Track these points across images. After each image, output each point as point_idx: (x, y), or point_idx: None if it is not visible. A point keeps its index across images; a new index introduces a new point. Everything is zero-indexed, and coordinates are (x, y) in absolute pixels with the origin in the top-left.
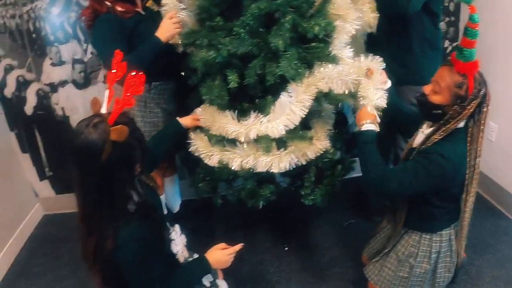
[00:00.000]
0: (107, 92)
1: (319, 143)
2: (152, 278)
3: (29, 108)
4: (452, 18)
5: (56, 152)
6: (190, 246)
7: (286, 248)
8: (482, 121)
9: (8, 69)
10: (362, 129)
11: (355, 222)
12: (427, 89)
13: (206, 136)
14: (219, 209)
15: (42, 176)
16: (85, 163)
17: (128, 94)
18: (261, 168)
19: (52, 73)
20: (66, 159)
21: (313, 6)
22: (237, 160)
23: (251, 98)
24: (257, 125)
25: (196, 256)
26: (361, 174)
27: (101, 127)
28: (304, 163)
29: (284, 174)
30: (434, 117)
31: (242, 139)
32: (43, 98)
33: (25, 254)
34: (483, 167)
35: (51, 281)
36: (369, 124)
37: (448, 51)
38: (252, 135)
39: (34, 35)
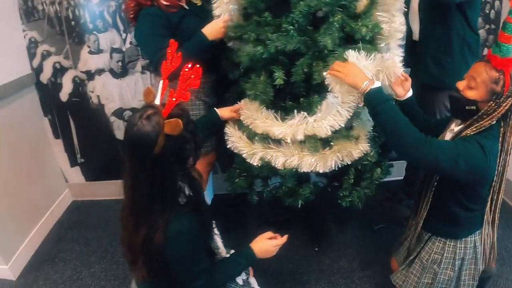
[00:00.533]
0: (161, 83)
1: (361, 144)
2: (200, 270)
3: (64, 95)
4: (492, 26)
5: (89, 140)
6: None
7: (317, 249)
8: None
9: (45, 55)
10: (366, 90)
11: (385, 226)
12: (461, 84)
13: (245, 133)
14: (250, 205)
15: (73, 162)
16: (137, 155)
17: (184, 87)
18: (305, 167)
19: (89, 61)
20: (98, 147)
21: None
22: (280, 159)
23: (295, 96)
24: (303, 125)
25: (232, 252)
26: (393, 179)
27: (155, 119)
28: (349, 163)
29: (321, 174)
30: (467, 113)
31: (289, 140)
32: (79, 85)
33: (52, 239)
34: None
35: (77, 267)
36: (370, 83)
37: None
38: (300, 136)
39: (73, 23)
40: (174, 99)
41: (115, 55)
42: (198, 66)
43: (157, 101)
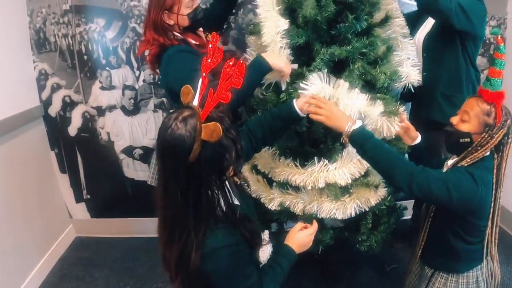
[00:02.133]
0: (200, 82)
1: (379, 190)
2: (250, 285)
3: (73, 129)
4: None
5: (96, 176)
6: None
7: None
8: (506, 152)
9: (55, 88)
10: (350, 131)
11: (398, 267)
12: (454, 119)
13: (264, 179)
14: None
15: (79, 198)
16: (170, 162)
17: (225, 87)
18: (325, 214)
19: (100, 97)
20: (105, 184)
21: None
22: (300, 205)
23: (314, 141)
24: (324, 172)
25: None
26: (405, 218)
27: (191, 122)
28: (367, 209)
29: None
30: (461, 146)
31: (309, 188)
32: (89, 121)
33: (56, 276)
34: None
35: None
36: (353, 124)
37: None
38: (321, 184)
39: (85, 57)
40: (213, 100)
41: (127, 92)
42: (242, 62)
43: (195, 102)
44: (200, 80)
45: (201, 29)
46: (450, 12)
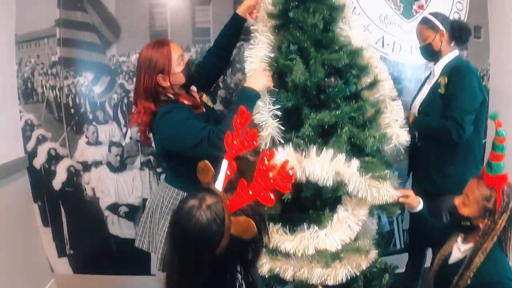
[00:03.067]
0: (225, 164)
1: (370, 254)
2: None
3: (57, 183)
4: None
5: (80, 231)
6: None
7: None
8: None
9: (41, 140)
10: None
11: None
12: (457, 200)
13: None
14: None
15: (61, 252)
16: (192, 254)
17: (266, 187)
18: (315, 279)
19: (86, 152)
20: (89, 239)
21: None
22: (290, 271)
23: (303, 207)
24: (313, 239)
25: None
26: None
27: (219, 214)
28: (358, 274)
29: None
30: (464, 228)
31: (299, 254)
32: (74, 176)
33: None
34: None
35: None
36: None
37: None
38: (311, 251)
39: (72, 111)
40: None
41: (113, 148)
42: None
43: (219, 185)
44: (226, 162)
45: (194, 88)
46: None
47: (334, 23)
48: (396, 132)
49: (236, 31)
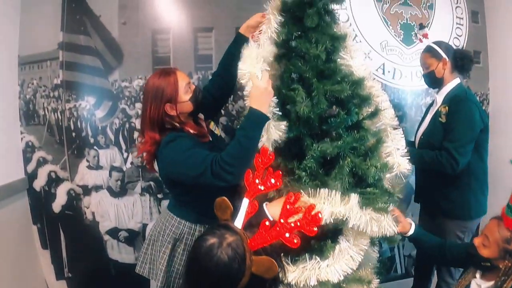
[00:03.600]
0: (246, 203)
1: (372, 284)
2: None
3: (57, 206)
4: None
5: (79, 255)
6: None
7: None
8: None
9: (42, 162)
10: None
11: None
12: (477, 241)
13: None
14: None
15: (59, 276)
16: None
17: (290, 229)
18: None
19: (87, 176)
20: (88, 263)
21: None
22: None
23: (304, 237)
24: (315, 270)
25: None
26: None
27: (239, 252)
28: None
29: None
30: (484, 268)
31: (301, 285)
32: (74, 199)
33: None
34: None
35: None
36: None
37: None
38: (313, 282)
39: (73, 134)
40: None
41: (114, 173)
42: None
43: (238, 223)
44: (246, 201)
45: (202, 116)
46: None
47: (336, 53)
48: (397, 161)
49: (240, 50)
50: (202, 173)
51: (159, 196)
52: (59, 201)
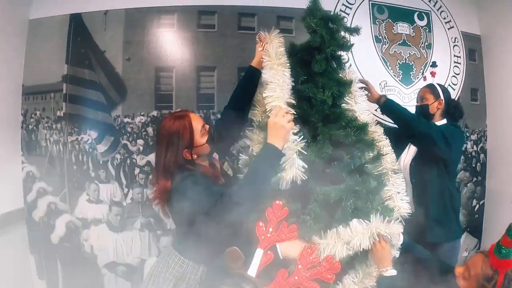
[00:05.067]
0: (259, 252)
1: None
2: None
3: (55, 237)
4: (479, 178)
5: (76, 287)
6: None
7: None
8: None
9: (41, 193)
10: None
11: None
12: (458, 271)
13: None
14: None
15: None
16: None
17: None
18: None
19: (86, 209)
20: None
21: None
22: None
23: None
24: None
25: None
26: None
27: None
28: None
29: None
30: None
31: None
32: (73, 231)
33: None
34: None
35: None
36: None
37: (476, 209)
38: None
39: (74, 167)
40: None
41: (114, 208)
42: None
43: (252, 273)
44: (260, 251)
45: (216, 156)
46: (429, 136)
47: (342, 98)
48: (398, 204)
49: (251, 83)
50: (212, 209)
51: (159, 232)
52: (57, 233)
